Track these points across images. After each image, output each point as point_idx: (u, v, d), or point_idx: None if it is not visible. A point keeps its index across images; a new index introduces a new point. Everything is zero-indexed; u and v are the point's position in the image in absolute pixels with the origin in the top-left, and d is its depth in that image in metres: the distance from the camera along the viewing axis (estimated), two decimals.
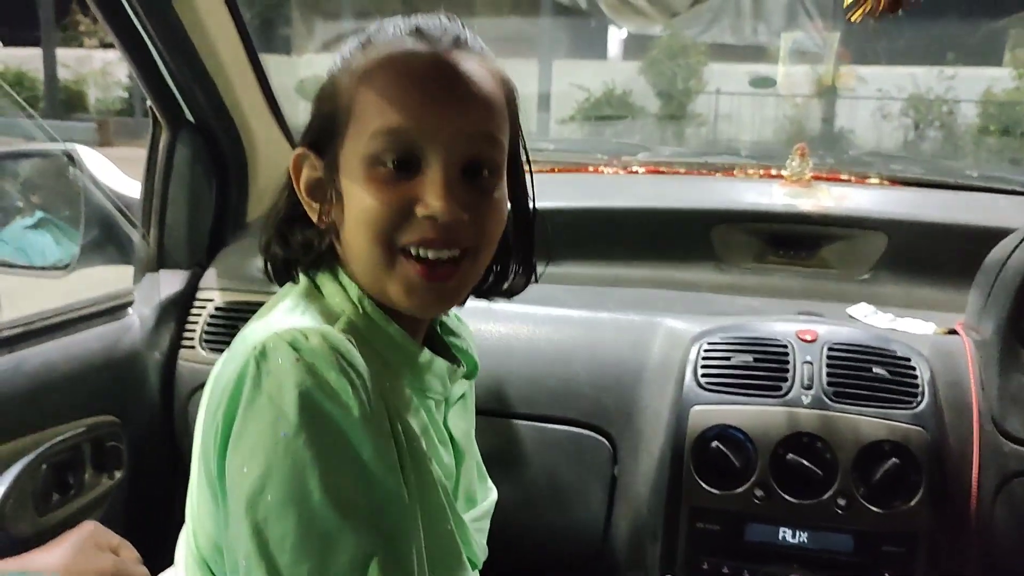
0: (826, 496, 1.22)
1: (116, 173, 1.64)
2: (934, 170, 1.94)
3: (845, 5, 0.98)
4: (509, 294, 0.94)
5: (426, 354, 0.85)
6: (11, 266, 1.51)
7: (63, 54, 13.75)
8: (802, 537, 1.23)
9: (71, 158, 1.46)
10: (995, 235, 1.43)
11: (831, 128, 9.46)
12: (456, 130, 0.77)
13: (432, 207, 0.75)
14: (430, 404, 0.87)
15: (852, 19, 0.97)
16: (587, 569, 1.43)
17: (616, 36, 11.95)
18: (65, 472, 1.36)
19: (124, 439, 1.46)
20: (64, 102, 13.63)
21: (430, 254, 0.77)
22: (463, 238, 0.78)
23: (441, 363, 0.86)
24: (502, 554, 1.28)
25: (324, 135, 0.81)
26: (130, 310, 1.56)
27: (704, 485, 1.25)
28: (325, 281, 0.83)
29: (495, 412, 1.41)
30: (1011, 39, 9.56)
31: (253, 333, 0.75)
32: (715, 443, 1.25)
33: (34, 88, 13.35)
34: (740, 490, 1.24)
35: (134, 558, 1.09)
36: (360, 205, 0.77)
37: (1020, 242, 1.31)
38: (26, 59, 12.90)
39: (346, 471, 0.69)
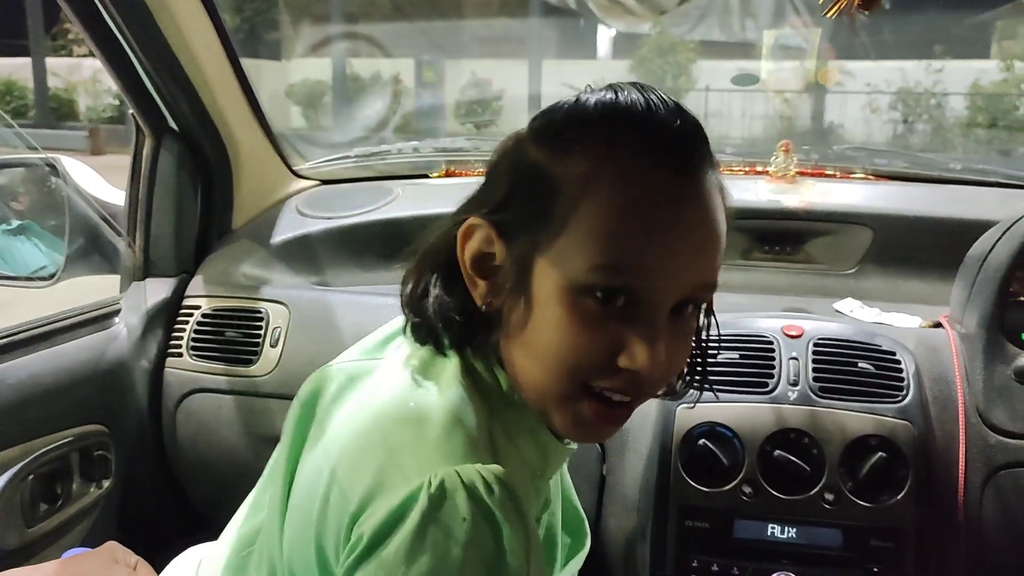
0: (814, 491, 1.22)
1: (101, 182, 1.64)
2: (918, 164, 1.94)
3: (821, 2, 0.98)
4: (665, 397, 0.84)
5: (559, 448, 0.77)
6: None
7: (53, 63, 13.73)
8: (791, 533, 1.24)
9: (53, 168, 1.46)
10: (979, 228, 1.43)
11: (820, 123, 9.49)
12: (685, 280, 0.67)
13: (639, 364, 0.66)
14: (550, 484, 0.82)
15: (828, 16, 0.98)
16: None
17: (605, 35, 11.98)
18: (53, 482, 1.36)
19: (112, 448, 1.46)
20: (55, 110, 13.63)
21: (616, 396, 0.70)
22: (654, 386, 0.71)
23: (566, 451, 0.79)
24: None
25: (519, 221, 0.69)
26: (117, 319, 1.55)
27: (692, 483, 1.25)
28: (479, 367, 0.74)
29: None
30: (998, 31, 9.60)
31: (417, 450, 0.66)
32: (702, 441, 1.26)
33: (24, 97, 13.35)
34: (728, 487, 1.24)
35: None
36: (556, 333, 0.67)
37: (1001, 235, 1.32)
38: (16, 68, 12.90)
39: None
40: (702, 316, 0.76)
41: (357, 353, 0.82)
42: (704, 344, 0.81)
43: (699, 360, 0.82)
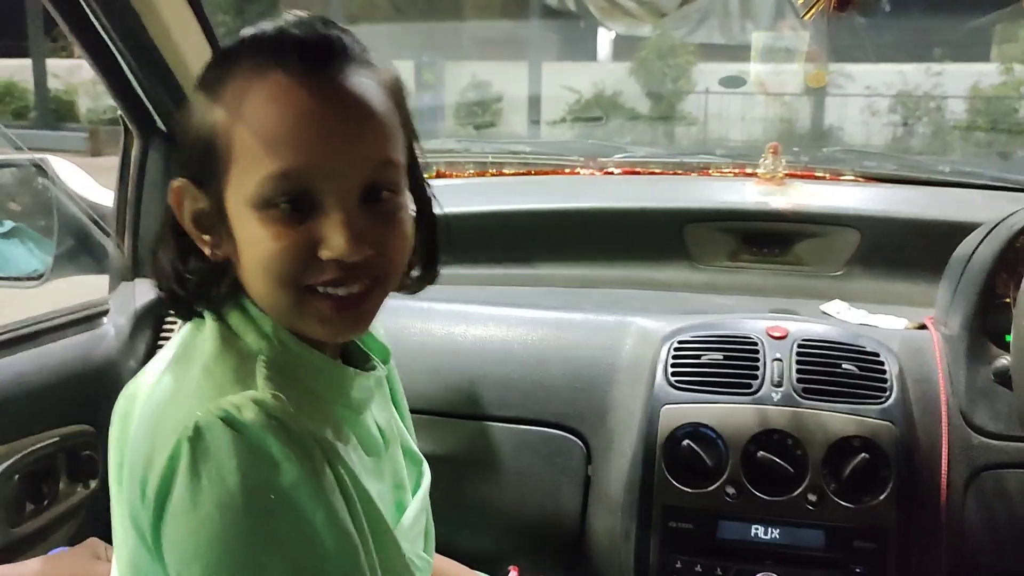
0: (797, 492, 1.22)
1: (90, 183, 1.64)
2: (906, 166, 1.94)
3: (799, 3, 0.99)
4: (408, 291, 0.89)
5: (350, 373, 0.82)
6: None
7: (53, 64, 13.73)
8: (774, 534, 1.24)
9: (41, 168, 1.46)
10: (966, 230, 1.44)
11: (820, 126, 9.48)
12: (351, 163, 0.73)
13: (336, 249, 0.71)
14: (361, 418, 0.85)
15: (806, 17, 0.98)
16: (562, 569, 1.43)
17: (605, 37, 11.97)
18: (39, 482, 1.35)
19: (99, 448, 1.46)
20: (55, 112, 13.63)
21: (340, 291, 0.74)
22: (371, 271, 0.75)
23: (365, 377, 0.84)
24: (476, 555, 1.29)
25: (203, 170, 0.75)
26: (105, 319, 1.55)
27: (676, 484, 1.26)
28: (234, 317, 0.78)
29: (469, 415, 1.41)
30: (997, 34, 9.60)
31: (180, 400, 0.72)
32: (686, 442, 1.26)
33: (24, 98, 13.36)
34: (712, 488, 1.25)
35: None
36: (258, 248, 0.73)
37: (984, 237, 1.32)
38: (16, 69, 12.90)
39: (301, 542, 0.68)
40: (410, 200, 0.80)
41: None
42: (428, 229, 0.86)
43: (429, 246, 0.87)
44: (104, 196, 1.66)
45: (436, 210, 0.87)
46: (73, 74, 13.55)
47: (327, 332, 0.78)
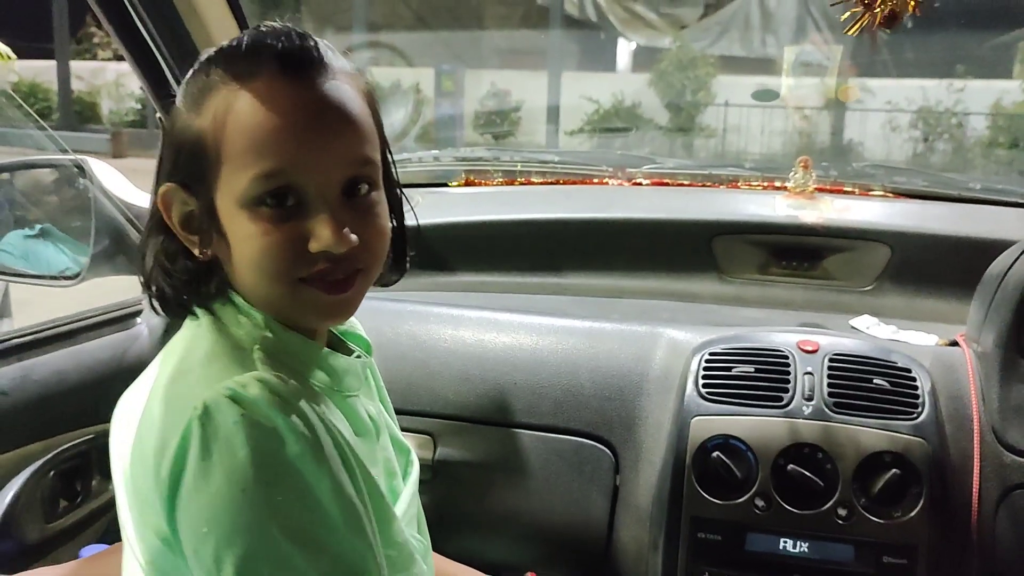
0: (827, 506, 1.22)
1: (126, 184, 1.65)
2: (937, 182, 1.94)
3: (842, 19, 0.99)
4: (383, 285, 0.94)
5: (340, 359, 0.87)
6: (21, 275, 1.53)
7: (77, 66, 13.88)
8: (803, 547, 1.24)
9: (81, 169, 1.48)
10: (997, 247, 1.43)
11: (840, 140, 9.45)
12: (333, 161, 0.78)
13: (325, 242, 0.77)
14: (351, 403, 0.89)
15: (849, 33, 0.99)
16: None
17: (625, 48, 11.98)
18: (73, 479, 1.38)
19: None
20: (78, 113, 13.77)
21: (330, 277, 0.80)
22: (356, 261, 0.81)
23: (354, 362, 0.89)
24: (500, 561, 1.29)
25: (192, 174, 0.80)
26: (139, 319, 1.57)
27: (705, 495, 1.26)
28: (224, 311, 0.83)
29: (499, 422, 1.42)
30: (1020, 51, 9.54)
31: (186, 389, 0.75)
32: (716, 453, 1.26)
33: (48, 99, 13.49)
34: (741, 500, 1.24)
35: None
36: (250, 245, 0.78)
37: (1020, 255, 1.31)
38: (41, 71, 13.03)
39: (309, 512, 0.71)
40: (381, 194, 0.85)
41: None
42: (399, 226, 0.92)
43: (398, 242, 0.92)
44: (139, 197, 1.68)
45: (407, 209, 0.94)
46: (97, 76, 13.69)
47: (319, 318, 0.84)
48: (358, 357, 0.92)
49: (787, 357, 1.32)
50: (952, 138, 9.53)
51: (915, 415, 1.25)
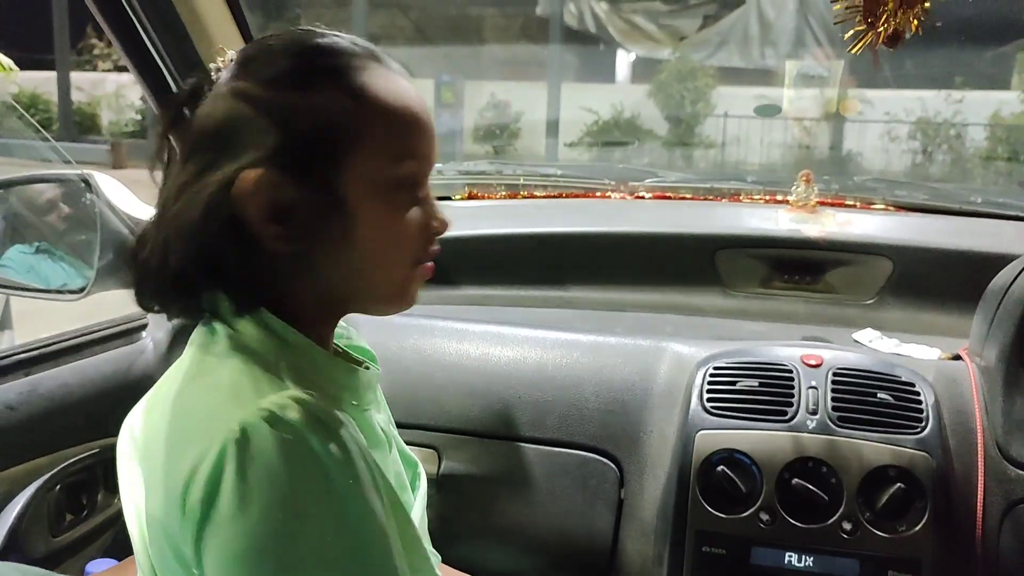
0: (831, 521, 1.22)
1: (130, 197, 1.66)
2: (939, 196, 1.95)
3: (845, 38, 1.00)
4: None
5: (361, 373, 0.86)
6: (26, 289, 1.53)
7: (77, 77, 13.92)
8: (808, 561, 1.24)
9: (87, 183, 1.49)
10: (1000, 261, 1.44)
11: (839, 152, 9.48)
12: (435, 159, 0.85)
13: (443, 222, 0.83)
14: (367, 416, 0.88)
15: (853, 52, 0.99)
16: None
17: (625, 60, 12.03)
18: (78, 493, 1.38)
19: None
20: (78, 124, 13.80)
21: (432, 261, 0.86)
22: None
23: (371, 375, 0.88)
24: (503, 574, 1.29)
25: (308, 154, 0.75)
26: (144, 333, 1.58)
27: (710, 509, 1.26)
28: (245, 325, 0.77)
29: (503, 436, 1.42)
30: (1019, 63, 9.59)
31: (214, 408, 0.72)
32: (721, 467, 1.26)
33: (48, 110, 13.52)
34: (746, 514, 1.25)
35: None
36: (388, 232, 0.79)
37: (1022, 270, 1.32)
38: (41, 82, 13.07)
39: (345, 540, 0.69)
40: None
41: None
42: None
43: None
44: (144, 211, 1.68)
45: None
46: (97, 87, 13.73)
47: (408, 301, 0.85)
48: (367, 368, 0.91)
49: (791, 371, 1.33)
50: (951, 149, 9.56)
51: (919, 429, 1.25)
